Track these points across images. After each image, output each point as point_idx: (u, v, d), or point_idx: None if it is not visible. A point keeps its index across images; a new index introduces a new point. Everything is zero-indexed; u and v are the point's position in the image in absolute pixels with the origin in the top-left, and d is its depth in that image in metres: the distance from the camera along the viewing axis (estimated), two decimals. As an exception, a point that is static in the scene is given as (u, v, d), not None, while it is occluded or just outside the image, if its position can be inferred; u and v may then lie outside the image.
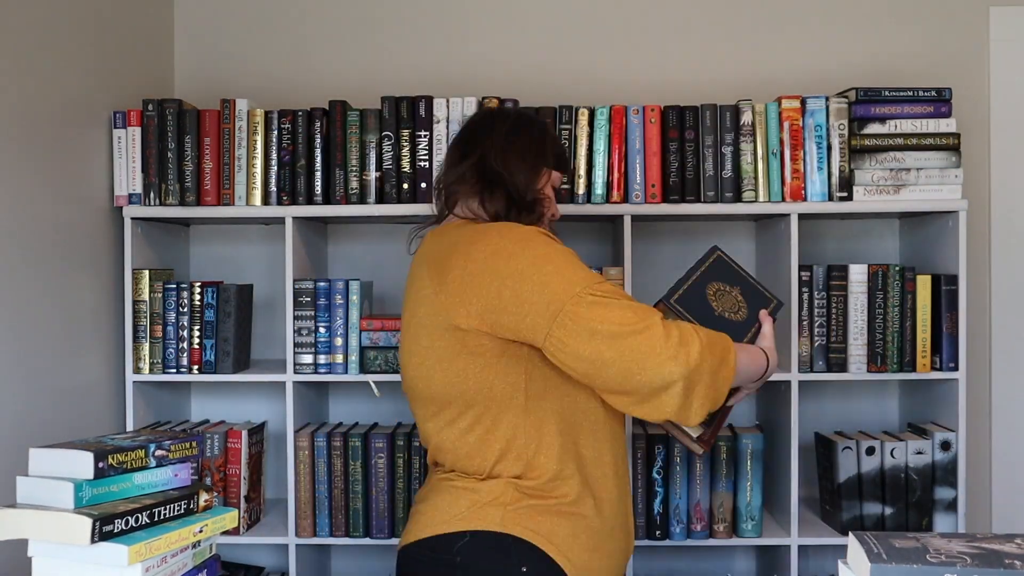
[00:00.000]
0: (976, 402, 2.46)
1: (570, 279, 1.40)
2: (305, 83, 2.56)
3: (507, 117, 1.66)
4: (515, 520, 1.46)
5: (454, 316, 1.44)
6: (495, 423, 1.49)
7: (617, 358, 1.35)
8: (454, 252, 1.48)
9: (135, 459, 1.32)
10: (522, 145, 1.60)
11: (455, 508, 1.49)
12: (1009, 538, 1.04)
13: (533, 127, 1.65)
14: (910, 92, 2.18)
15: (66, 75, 2.05)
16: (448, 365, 1.47)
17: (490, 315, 1.42)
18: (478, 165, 1.58)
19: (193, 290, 2.22)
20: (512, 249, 1.43)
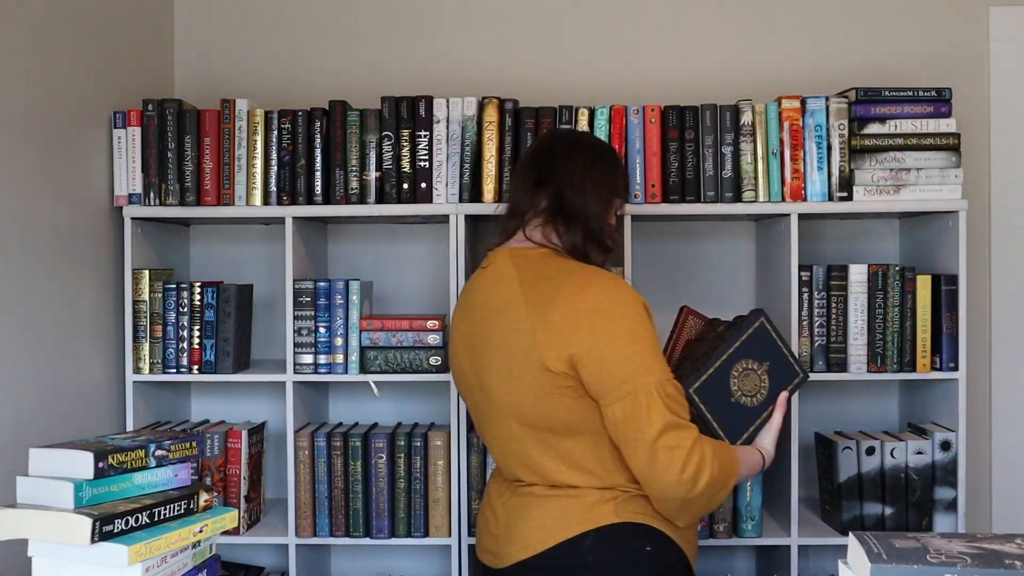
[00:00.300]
0: (976, 402, 2.46)
1: (650, 367, 1.49)
2: (305, 83, 2.56)
3: (584, 148, 1.69)
4: (627, 510, 1.54)
5: (547, 358, 1.50)
6: (593, 445, 1.55)
7: (645, 458, 1.48)
8: (557, 296, 1.52)
9: (135, 459, 1.32)
10: (598, 178, 1.65)
11: (568, 514, 1.55)
12: (1009, 538, 1.04)
13: (607, 157, 1.70)
14: (910, 92, 2.18)
15: (66, 75, 2.05)
16: (541, 399, 1.53)
17: (575, 364, 1.50)
18: (555, 197, 1.63)
19: (193, 290, 2.22)
20: (612, 312, 1.51)
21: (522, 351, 1.52)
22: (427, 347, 2.21)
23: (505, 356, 1.55)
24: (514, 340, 1.53)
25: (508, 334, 1.55)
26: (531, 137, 2.19)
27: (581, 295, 1.51)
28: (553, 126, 2.19)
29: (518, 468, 1.60)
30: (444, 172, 2.20)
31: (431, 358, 2.20)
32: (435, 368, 2.20)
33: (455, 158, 2.20)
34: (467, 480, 2.20)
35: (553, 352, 1.50)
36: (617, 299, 1.52)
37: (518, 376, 1.53)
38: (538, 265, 1.59)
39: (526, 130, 2.19)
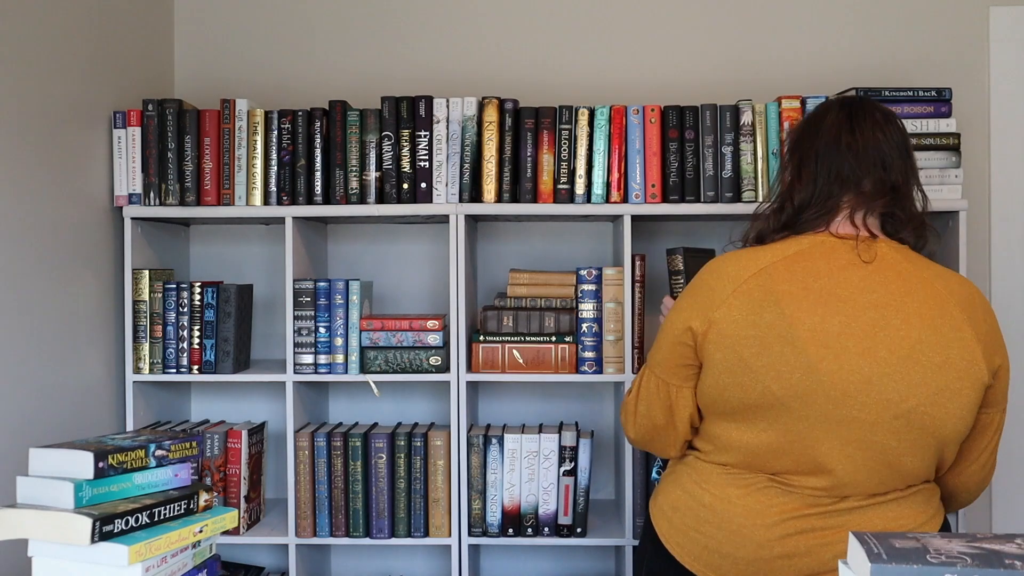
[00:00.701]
0: (976, 402, 2.45)
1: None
2: (305, 83, 2.56)
3: (899, 126, 1.55)
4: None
5: (985, 371, 1.42)
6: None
7: (990, 464, 1.65)
8: (973, 300, 1.44)
9: (135, 459, 1.32)
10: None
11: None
12: (1009, 538, 1.04)
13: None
14: (910, 92, 2.18)
15: (66, 75, 2.05)
16: (969, 413, 1.43)
17: (998, 374, 1.46)
18: (900, 188, 1.50)
19: (193, 290, 2.22)
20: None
21: (964, 363, 1.41)
22: (427, 347, 2.21)
23: (946, 365, 1.40)
24: (955, 351, 1.41)
25: (943, 342, 1.40)
26: (531, 137, 2.19)
27: (983, 299, 1.48)
28: (553, 126, 2.19)
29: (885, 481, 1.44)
30: (444, 172, 2.20)
31: (431, 358, 2.20)
32: (435, 368, 2.20)
33: (455, 158, 2.20)
34: (467, 480, 2.20)
35: (988, 363, 1.42)
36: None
37: (956, 388, 1.40)
38: (930, 270, 1.47)
39: (526, 130, 2.19)
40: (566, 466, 2.20)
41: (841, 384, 1.38)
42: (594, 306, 2.19)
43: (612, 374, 2.19)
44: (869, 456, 1.40)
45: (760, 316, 1.42)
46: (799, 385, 1.39)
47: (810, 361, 1.39)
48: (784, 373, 1.40)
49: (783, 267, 1.44)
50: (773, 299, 1.42)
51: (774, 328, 1.41)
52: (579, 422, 2.40)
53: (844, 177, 1.48)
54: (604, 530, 2.27)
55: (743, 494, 1.46)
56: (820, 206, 1.49)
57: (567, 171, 2.20)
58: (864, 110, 1.53)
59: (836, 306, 1.40)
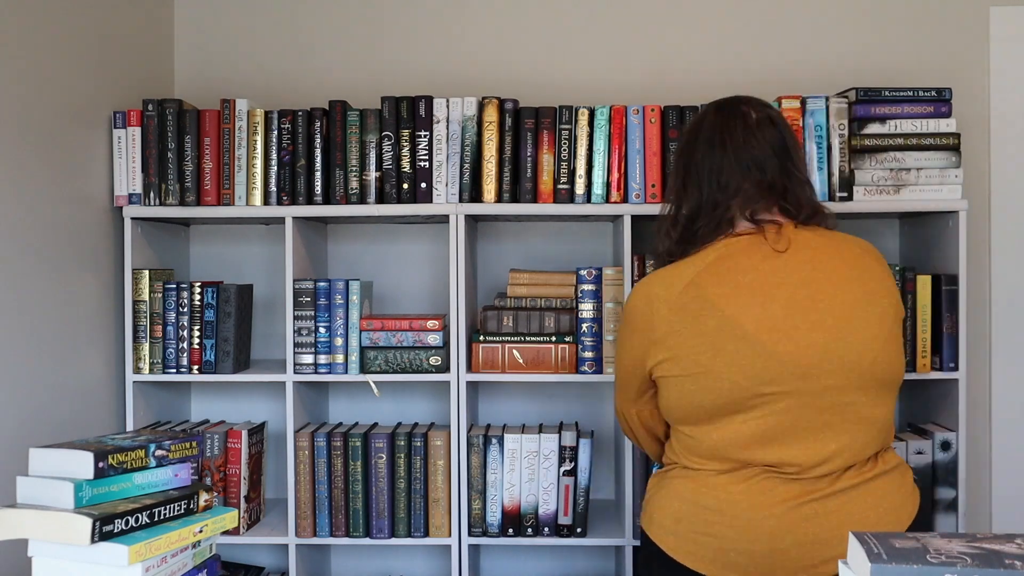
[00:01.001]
0: (976, 402, 2.46)
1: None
2: (305, 83, 2.56)
3: (774, 124, 1.61)
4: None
5: (902, 308, 1.56)
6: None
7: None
8: (874, 250, 1.58)
9: (135, 459, 1.32)
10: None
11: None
12: (1009, 538, 1.04)
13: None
14: (910, 92, 2.18)
15: (66, 75, 2.05)
16: (900, 350, 1.53)
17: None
18: (778, 186, 1.58)
19: (193, 290, 2.22)
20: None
21: (893, 306, 1.53)
22: (427, 347, 2.21)
23: (883, 315, 1.51)
24: (885, 299, 1.52)
25: (877, 293, 1.52)
26: (531, 137, 2.19)
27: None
28: (553, 126, 2.19)
29: (877, 439, 1.52)
30: (444, 172, 2.20)
31: (431, 358, 2.20)
32: (435, 368, 2.20)
33: (455, 158, 2.20)
34: (467, 480, 2.20)
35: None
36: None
37: (895, 332, 1.52)
38: (836, 237, 1.60)
39: (526, 130, 2.19)
40: (566, 466, 2.20)
41: (803, 359, 1.44)
42: (594, 306, 2.19)
43: (612, 374, 2.19)
44: (846, 418, 1.47)
45: (704, 323, 1.48)
46: (764, 372, 1.44)
47: (766, 347, 1.45)
48: (746, 365, 1.45)
49: (708, 273, 1.51)
50: (710, 304, 1.48)
51: (721, 330, 1.46)
52: (579, 422, 2.40)
53: (724, 184, 1.54)
54: (604, 530, 2.27)
55: (745, 489, 1.47)
56: (709, 216, 1.56)
57: (567, 171, 2.20)
58: (735, 114, 1.58)
59: (771, 293, 1.47)
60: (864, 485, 1.48)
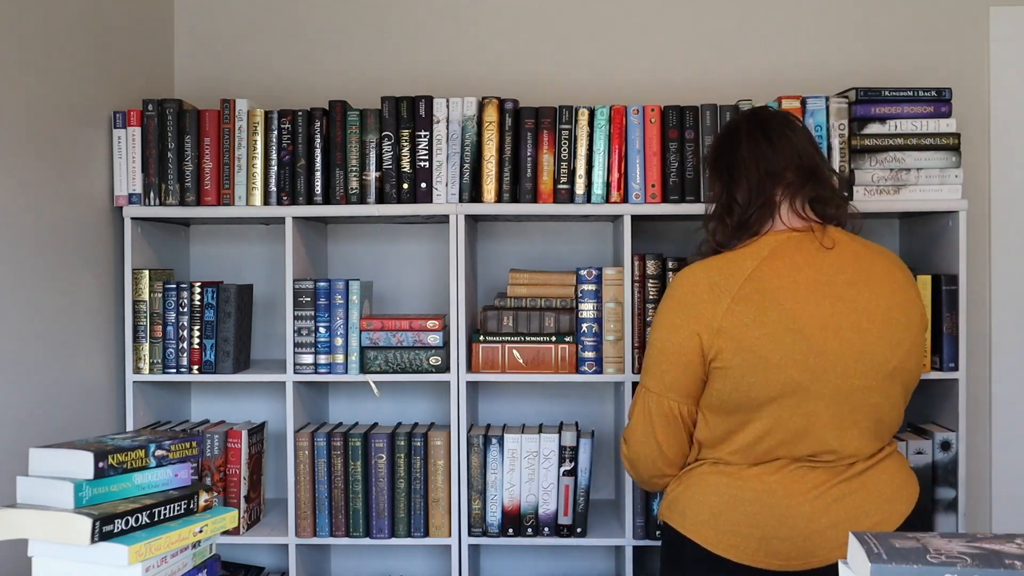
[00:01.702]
0: (976, 402, 2.46)
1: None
2: (305, 83, 2.56)
3: (802, 126, 1.76)
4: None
5: (928, 319, 1.68)
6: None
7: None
8: (902, 263, 1.68)
9: (135, 459, 1.32)
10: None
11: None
12: (1009, 538, 1.04)
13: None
14: (910, 92, 2.18)
15: (66, 75, 2.05)
16: (921, 358, 1.65)
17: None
18: (817, 170, 1.71)
19: (193, 290, 2.22)
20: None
21: (919, 315, 1.63)
22: (427, 347, 2.21)
23: (911, 321, 1.61)
24: (913, 310, 1.62)
25: (904, 302, 1.62)
26: (531, 137, 2.19)
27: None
28: (553, 126, 2.19)
29: (883, 432, 1.63)
30: (444, 172, 2.20)
31: (431, 358, 2.20)
32: (435, 368, 2.20)
33: (455, 158, 2.20)
34: (467, 480, 2.20)
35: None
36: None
37: (920, 339, 1.63)
38: (868, 244, 1.70)
39: (526, 130, 2.19)
40: (566, 466, 2.20)
41: (845, 358, 1.54)
42: (594, 306, 2.19)
43: (612, 374, 2.19)
44: (866, 416, 1.57)
45: (766, 315, 1.55)
46: (815, 367, 1.53)
47: (818, 344, 1.54)
48: (799, 360, 1.53)
49: (767, 267, 1.58)
50: (771, 298, 1.56)
51: (781, 323, 1.54)
52: (579, 422, 2.40)
53: (771, 172, 1.65)
54: (604, 530, 2.27)
55: (780, 479, 1.57)
56: (758, 204, 1.65)
57: (567, 171, 2.20)
58: (771, 116, 1.74)
59: (823, 290, 1.56)
60: (876, 466, 1.59)
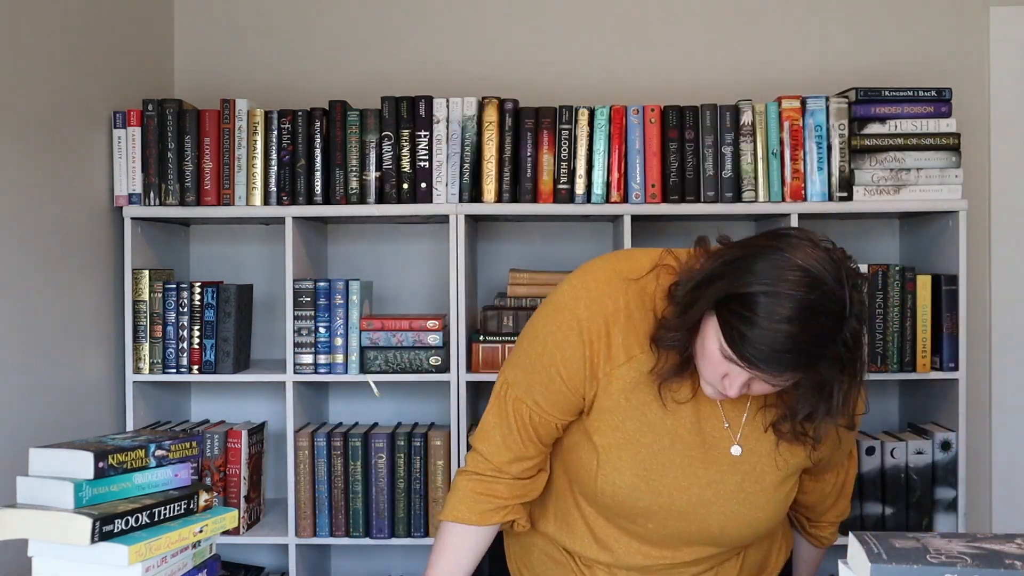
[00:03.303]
0: (976, 402, 2.46)
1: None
2: (305, 83, 2.56)
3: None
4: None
5: None
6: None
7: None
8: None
9: (135, 459, 1.32)
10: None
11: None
12: (1009, 538, 1.04)
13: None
14: (910, 92, 2.18)
15: (66, 75, 2.05)
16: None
17: None
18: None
19: (193, 290, 2.22)
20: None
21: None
22: (427, 347, 2.20)
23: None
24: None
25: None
26: (531, 137, 2.19)
27: None
28: (553, 126, 2.19)
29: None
30: (444, 172, 2.20)
31: (431, 358, 2.20)
32: (435, 368, 2.20)
33: (455, 158, 2.20)
34: (467, 480, 2.20)
35: None
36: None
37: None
38: None
39: (526, 130, 2.19)
40: (566, 466, 2.20)
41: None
42: (594, 306, 2.19)
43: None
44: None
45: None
46: None
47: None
48: None
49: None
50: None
51: None
52: (579, 422, 2.40)
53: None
54: (604, 530, 2.26)
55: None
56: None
57: (567, 171, 2.20)
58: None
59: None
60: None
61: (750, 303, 1.20)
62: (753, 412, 1.40)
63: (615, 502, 1.43)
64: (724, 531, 1.42)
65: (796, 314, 1.18)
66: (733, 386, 1.27)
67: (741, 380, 1.26)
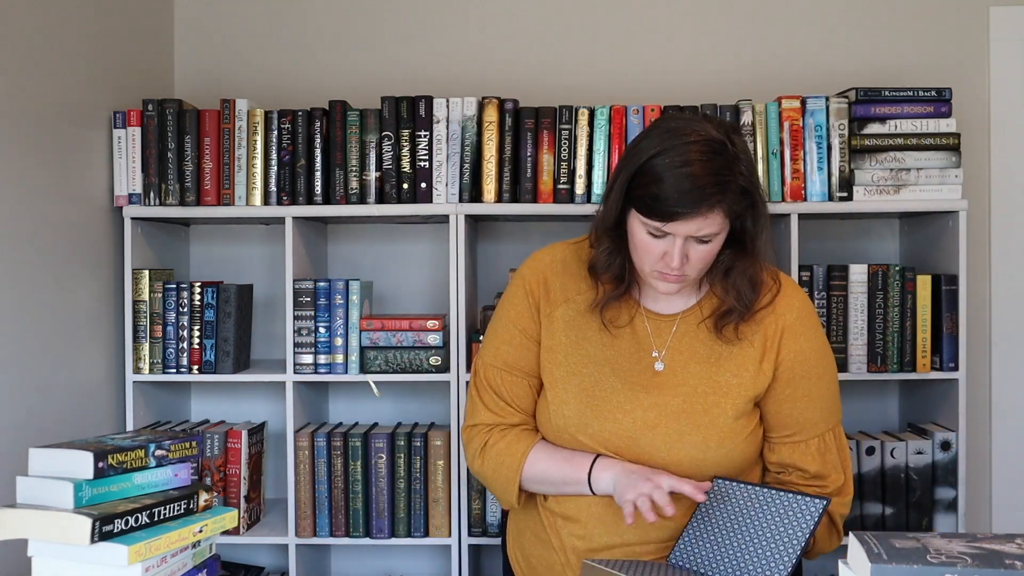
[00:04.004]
0: (976, 402, 2.45)
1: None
2: (305, 83, 2.56)
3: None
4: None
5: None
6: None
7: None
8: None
9: (135, 459, 1.32)
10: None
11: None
12: (1009, 538, 1.04)
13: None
14: (910, 92, 2.18)
15: (66, 75, 2.05)
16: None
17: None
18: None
19: (193, 290, 2.22)
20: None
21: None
22: (427, 347, 2.20)
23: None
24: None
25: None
26: (531, 137, 2.19)
27: None
28: (553, 126, 2.19)
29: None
30: (444, 172, 2.20)
31: (431, 358, 2.20)
32: (435, 368, 2.20)
33: (455, 158, 2.20)
34: (467, 480, 2.20)
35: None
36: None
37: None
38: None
39: (526, 130, 2.19)
40: (566, 466, 2.20)
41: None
42: (594, 306, 2.19)
43: (612, 374, 2.19)
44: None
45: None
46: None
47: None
48: None
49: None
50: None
51: None
52: (579, 422, 2.40)
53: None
54: (604, 530, 2.26)
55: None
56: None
57: (567, 171, 2.20)
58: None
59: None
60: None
61: (650, 169, 1.40)
62: (682, 329, 1.55)
63: (568, 434, 1.55)
64: (670, 452, 1.50)
65: (689, 157, 1.38)
66: (673, 257, 1.43)
67: (677, 247, 1.42)
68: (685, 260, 1.43)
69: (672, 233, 1.41)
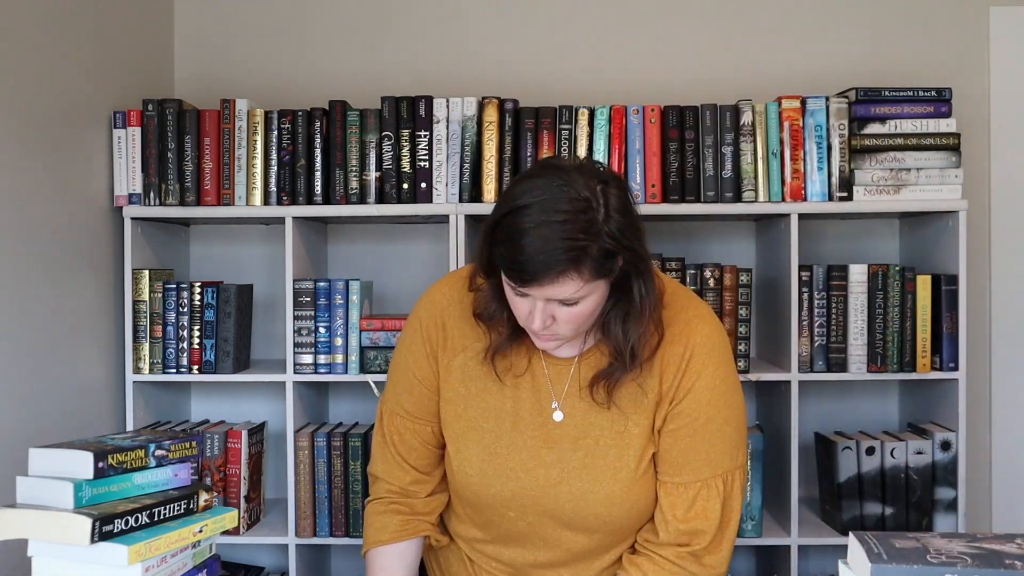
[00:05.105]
0: (976, 402, 2.46)
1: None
2: (305, 83, 2.56)
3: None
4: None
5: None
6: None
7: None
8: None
9: (135, 459, 1.32)
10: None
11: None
12: (1009, 538, 1.04)
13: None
14: (910, 92, 2.18)
15: (66, 75, 2.05)
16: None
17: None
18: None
19: (193, 290, 2.22)
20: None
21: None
22: (427, 347, 2.20)
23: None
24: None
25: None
26: (531, 137, 2.19)
27: None
28: (553, 126, 2.19)
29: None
30: (444, 172, 2.20)
31: (431, 358, 2.20)
32: (435, 368, 2.20)
33: (455, 158, 2.20)
34: (467, 480, 2.20)
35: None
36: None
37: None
38: None
39: (526, 130, 2.19)
40: (566, 466, 2.20)
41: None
42: (594, 306, 2.19)
43: (612, 374, 2.19)
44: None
45: None
46: None
47: None
48: None
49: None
50: None
51: None
52: (579, 422, 2.40)
53: None
54: (604, 530, 2.26)
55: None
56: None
57: (567, 171, 2.19)
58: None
59: None
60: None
61: (506, 226, 1.27)
62: (583, 372, 1.44)
63: (471, 492, 1.48)
64: (576, 511, 1.44)
65: (536, 218, 1.24)
66: (535, 318, 1.31)
67: (539, 309, 1.30)
68: (551, 320, 1.32)
69: (531, 295, 1.30)
